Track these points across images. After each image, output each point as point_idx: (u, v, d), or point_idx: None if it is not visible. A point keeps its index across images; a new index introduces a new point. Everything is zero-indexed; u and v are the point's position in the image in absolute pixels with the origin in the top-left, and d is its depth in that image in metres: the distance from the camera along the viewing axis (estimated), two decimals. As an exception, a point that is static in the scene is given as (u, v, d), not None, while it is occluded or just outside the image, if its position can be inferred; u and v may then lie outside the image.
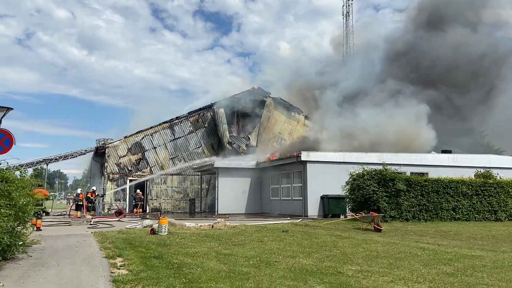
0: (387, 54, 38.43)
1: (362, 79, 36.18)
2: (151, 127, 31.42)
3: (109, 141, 31.87)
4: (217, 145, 32.94)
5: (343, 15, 49.78)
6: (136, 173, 30.30)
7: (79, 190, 29.05)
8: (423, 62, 35.88)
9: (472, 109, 35.52)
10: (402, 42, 37.89)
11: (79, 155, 46.72)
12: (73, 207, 26.83)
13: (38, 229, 15.77)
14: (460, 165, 24.33)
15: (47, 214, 21.38)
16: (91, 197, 25.28)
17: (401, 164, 21.52)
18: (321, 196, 21.79)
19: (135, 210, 28.13)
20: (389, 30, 43.58)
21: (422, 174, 22.73)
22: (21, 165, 35.49)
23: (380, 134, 28.09)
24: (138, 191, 28.63)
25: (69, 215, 24.59)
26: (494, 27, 39.76)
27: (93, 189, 26.64)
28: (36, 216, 15.52)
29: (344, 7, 49.57)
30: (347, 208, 20.67)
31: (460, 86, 35.60)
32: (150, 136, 31.17)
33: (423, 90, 33.26)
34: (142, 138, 30.85)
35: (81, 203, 25.45)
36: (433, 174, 22.27)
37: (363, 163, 21.09)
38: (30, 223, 10.50)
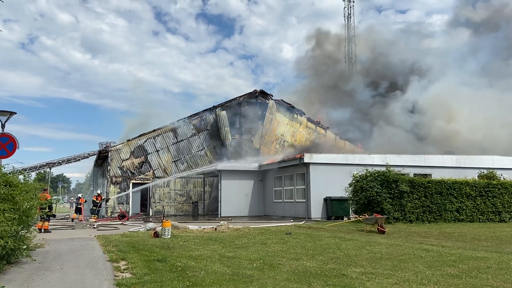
0: None
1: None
2: (154, 130, 31.40)
3: (111, 144, 31.89)
4: (219, 148, 32.92)
5: (344, 16, 49.93)
6: (139, 176, 30.32)
7: (80, 195, 29.29)
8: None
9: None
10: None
11: (82, 158, 47.00)
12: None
13: (46, 231, 16.03)
14: (464, 166, 24.27)
15: (54, 216, 21.73)
16: (97, 201, 25.34)
17: (404, 165, 21.44)
18: (324, 198, 21.75)
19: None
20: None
21: (425, 175, 22.68)
22: (25, 169, 35.65)
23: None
24: None
25: (73, 219, 24.72)
26: None
27: (98, 193, 26.70)
28: (44, 219, 15.83)
29: (346, 8, 49.75)
30: (350, 210, 20.64)
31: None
32: (153, 139, 31.18)
33: None
34: (144, 141, 30.87)
35: (80, 206, 25.65)
36: (436, 175, 22.18)
37: (366, 164, 21.06)
38: (35, 227, 10.56)
